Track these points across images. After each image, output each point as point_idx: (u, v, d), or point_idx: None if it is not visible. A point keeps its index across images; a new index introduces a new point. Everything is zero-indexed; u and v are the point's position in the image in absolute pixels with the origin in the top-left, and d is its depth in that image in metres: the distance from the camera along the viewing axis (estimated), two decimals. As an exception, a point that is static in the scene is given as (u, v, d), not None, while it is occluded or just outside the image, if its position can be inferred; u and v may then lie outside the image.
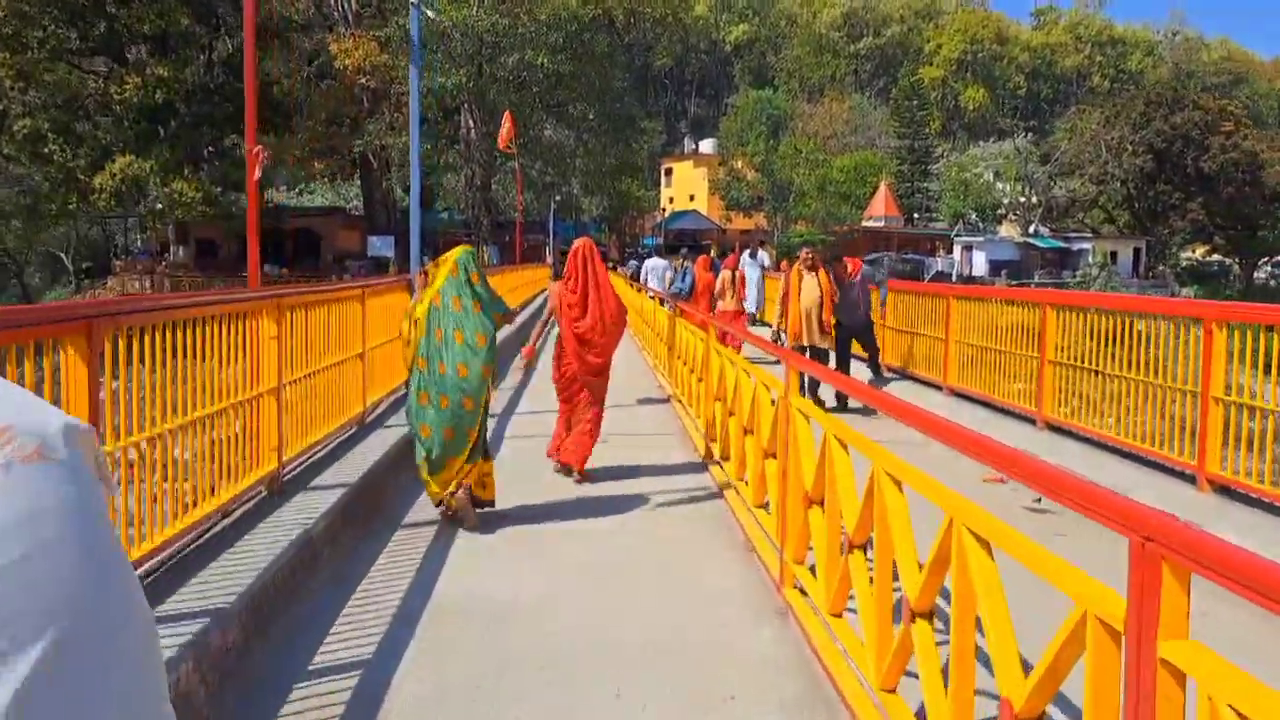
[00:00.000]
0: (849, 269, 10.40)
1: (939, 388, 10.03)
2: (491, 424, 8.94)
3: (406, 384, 8.61)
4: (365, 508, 5.81)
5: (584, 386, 7.23)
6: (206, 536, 4.59)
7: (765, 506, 5.49)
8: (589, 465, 7.26)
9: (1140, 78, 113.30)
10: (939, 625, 2.92)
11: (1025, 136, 74.26)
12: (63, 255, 72.01)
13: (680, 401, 10.02)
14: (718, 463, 7.10)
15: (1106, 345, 7.15)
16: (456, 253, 5.85)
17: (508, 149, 26.08)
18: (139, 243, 64.44)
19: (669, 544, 5.56)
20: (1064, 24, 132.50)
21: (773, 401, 5.29)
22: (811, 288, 10.11)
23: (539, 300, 24.85)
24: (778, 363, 7.38)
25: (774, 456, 5.17)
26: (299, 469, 5.97)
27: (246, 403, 5.12)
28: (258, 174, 5.94)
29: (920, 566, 2.85)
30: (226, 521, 4.84)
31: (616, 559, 5.25)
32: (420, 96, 36.55)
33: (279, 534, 4.68)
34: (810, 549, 4.30)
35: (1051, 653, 2.07)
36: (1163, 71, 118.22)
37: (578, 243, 7.41)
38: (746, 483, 5.92)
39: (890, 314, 11.80)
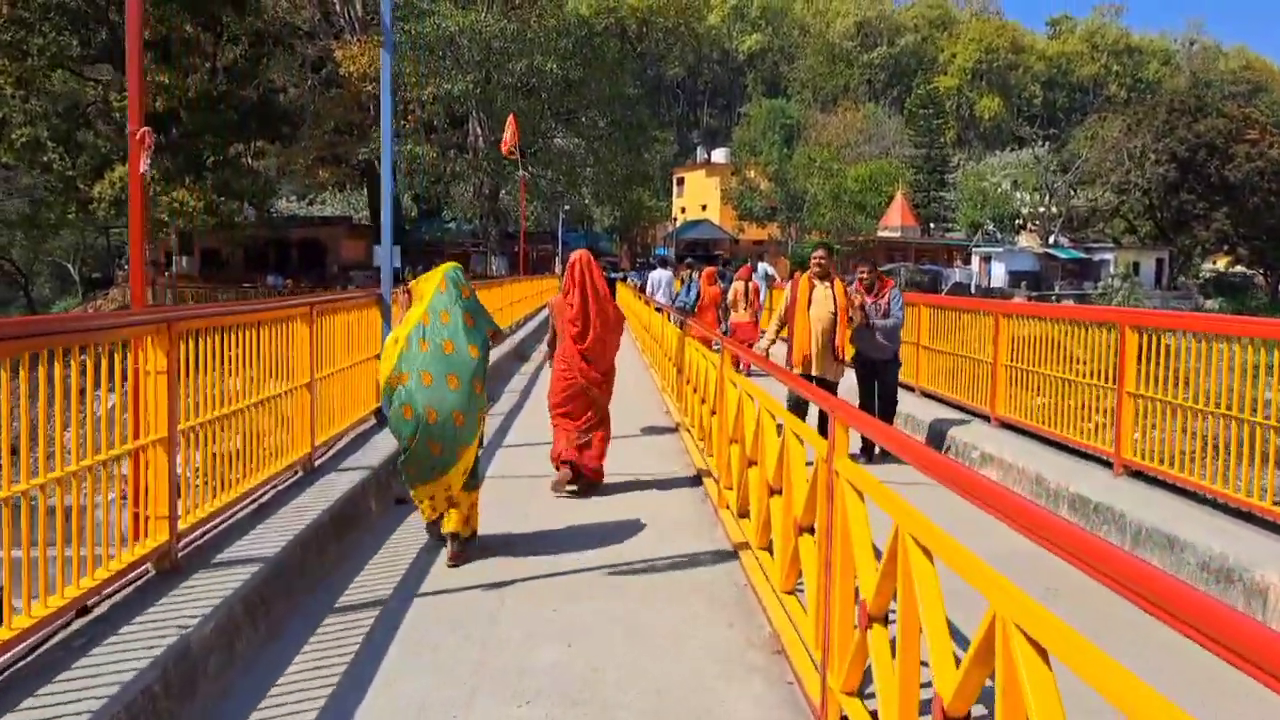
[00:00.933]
0: (883, 286, 8.59)
1: (985, 418, 8.75)
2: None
3: (377, 412, 7.45)
4: (288, 587, 4.58)
5: (590, 401, 7.12)
6: (46, 648, 3.38)
7: (798, 591, 4.26)
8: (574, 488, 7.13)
9: (1158, 86, 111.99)
10: None
11: (1043, 145, 72.84)
12: (70, 266, 71.43)
13: (689, 432, 8.80)
14: (730, 513, 5.88)
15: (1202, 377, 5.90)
16: (444, 268, 5.59)
17: (510, 154, 24.97)
18: (148, 252, 63.58)
19: (672, 635, 4.31)
20: (1080, 33, 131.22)
21: (808, 455, 4.07)
22: (823, 301, 8.07)
23: (543, 314, 23.69)
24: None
25: (810, 532, 3.94)
26: (208, 535, 4.76)
27: (118, 460, 3.92)
28: (144, 166, 4.74)
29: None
30: (82, 622, 3.63)
31: (600, 664, 4.01)
32: (426, 103, 35.35)
33: (147, 642, 3.47)
34: (868, 665, 3.07)
35: None
36: (1180, 80, 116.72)
37: (575, 255, 7.27)
38: (772, 555, 4.69)
39: (925, 333, 10.55)
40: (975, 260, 61.37)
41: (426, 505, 5.38)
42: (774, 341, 8.37)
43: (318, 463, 6.45)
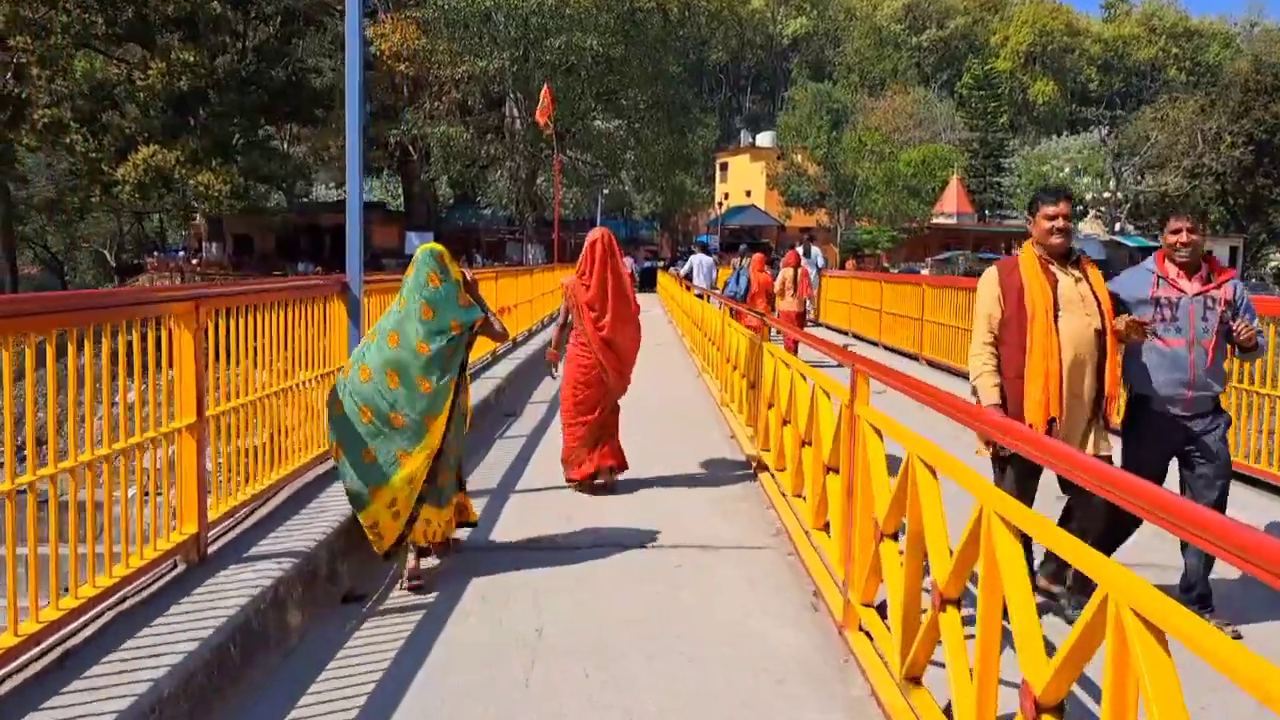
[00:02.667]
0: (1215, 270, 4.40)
1: (1268, 486, 6.18)
2: (483, 503, 5.59)
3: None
4: None
5: (605, 389, 6.65)
6: None
7: None
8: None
9: (1218, 70, 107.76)
10: None
11: (1105, 129, 69.25)
12: (105, 252, 70.76)
13: (774, 477, 6.41)
14: (862, 640, 3.53)
15: None
16: (419, 251, 4.99)
17: (546, 127, 22.66)
18: (182, 239, 62.46)
19: None
20: (1136, 15, 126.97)
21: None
22: (1079, 306, 4.20)
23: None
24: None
25: None
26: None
27: None
28: None
29: None
30: None
31: None
32: (460, 82, 33.19)
33: None
34: None
35: None
36: (1242, 64, 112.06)
37: (595, 233, 6.77)
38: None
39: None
40: (1037, 249, 57.95)
41: (371, 534, 4.54)
42: (998, 384, 4.25)
43: (215, 547, 4.13)
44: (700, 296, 14.58)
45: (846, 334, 17.41)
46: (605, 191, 46.47)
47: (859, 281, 16.93)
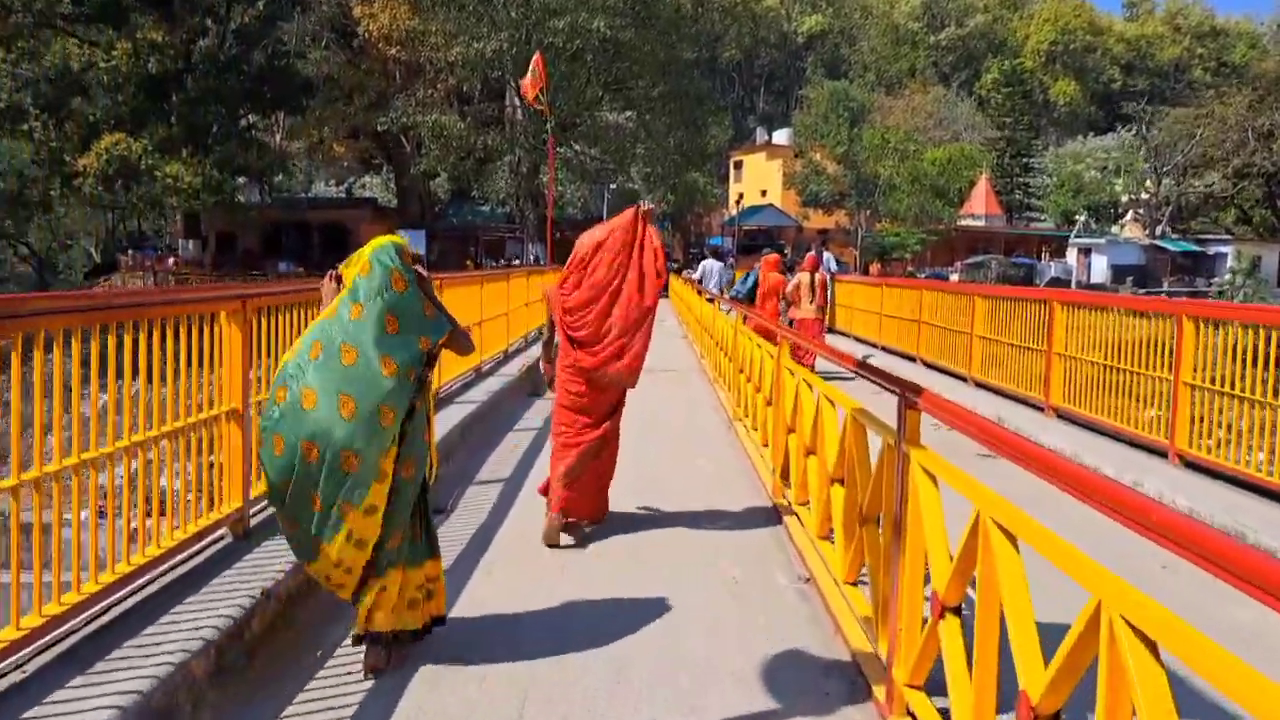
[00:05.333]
0: None
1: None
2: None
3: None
4: None
5: (605, 407, 5.59)
6: None
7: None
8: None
9: (1244, 70, 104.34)
10: None
11: (1135, 128, 65.35)
12: (92, 250, 67.78)
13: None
14: None
15: None
16: (375, 243, 3.74)
17: (536, 104, 19.05)
18: (165, 235, 59.20)
19: None
20: (1160, 14, 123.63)
21: None
22: None
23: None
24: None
25: None
26: None
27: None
28: None
29: None
30: None
31: None
32: (455, 66, 29.20)
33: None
34: None
35: None
36: (1268, 65, 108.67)
37: (597, 235, 5.67)
38: None
39: None
40: (1072, 253, 54.33)
41: (327, 585, 3.64)
42: None
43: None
44: (728, 312, 11.09)
45: (914, 359, 13.78)
46: (612, 187, 42.69)
47: (932, 292, 13.18)
